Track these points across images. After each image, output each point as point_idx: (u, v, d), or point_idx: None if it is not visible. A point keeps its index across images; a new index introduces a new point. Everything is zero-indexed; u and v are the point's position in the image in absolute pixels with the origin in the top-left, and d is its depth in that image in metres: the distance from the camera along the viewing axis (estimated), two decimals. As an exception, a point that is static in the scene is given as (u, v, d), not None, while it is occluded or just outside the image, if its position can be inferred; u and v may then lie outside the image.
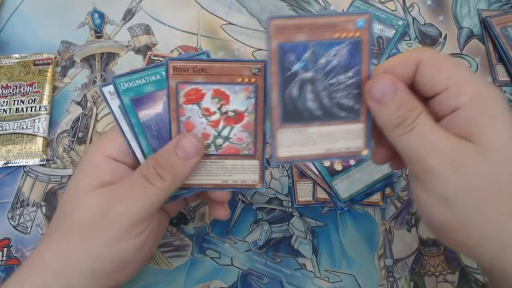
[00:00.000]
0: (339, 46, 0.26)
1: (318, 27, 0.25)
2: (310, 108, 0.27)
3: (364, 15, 0.25)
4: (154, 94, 0.28)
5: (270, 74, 0.26)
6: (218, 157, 0.30)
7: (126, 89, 0.28)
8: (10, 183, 0.41)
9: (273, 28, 0.25)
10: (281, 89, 0.27)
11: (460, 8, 0.48)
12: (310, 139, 0.28)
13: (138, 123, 0.29)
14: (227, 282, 0.37)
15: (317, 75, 0.26)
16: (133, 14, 0.48)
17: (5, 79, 0.44)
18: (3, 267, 0.38)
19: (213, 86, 0.27)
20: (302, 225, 0.39)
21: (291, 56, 0.26)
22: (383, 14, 0.47)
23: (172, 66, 0.26)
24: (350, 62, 0.26)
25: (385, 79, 0.26)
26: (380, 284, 0.37)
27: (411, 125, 0.25)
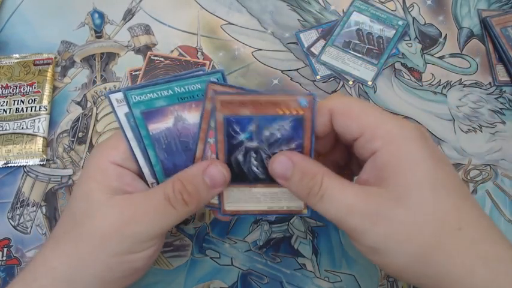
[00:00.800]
0: (282, 121, 0.27)
1: (261, 104, 0.27)
2: (255, 172, 0.29)
3: (308, 96, 0.26)
4: (165, 109, 0.28)
5: (217, 141, 0.28)
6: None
7: (137, 102, 0.28)
8: (10, 183, 0.41)
9: (219, 103, 0.26)
10: (228, 153, 0.28)
11: (460, 8, 0.48)
12: (254, 197, 0.30)
13: (148, 136, 0.29)
14: (227, 282, 0.37)
15: (261, 145, 0.28)
16: (133, 14, 0.49)
17: (5, 79, 0.44)
18: (3, 267, 0.38)
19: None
20: (302, 225, 0.39)
21: (236, 127, 0.27)
22: (383, 14, 0.47)
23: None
24: (293, 135, 0.28)
25: (280, 157, 0.27)
26: (380, 284, 0.37)
27: (319, 192, 0.26)
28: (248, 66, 0.46)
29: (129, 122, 0.29)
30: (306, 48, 0.46)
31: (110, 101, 0.28)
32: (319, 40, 0.46)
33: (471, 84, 0.45)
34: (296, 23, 0.48)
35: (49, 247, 0.29)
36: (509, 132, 0.43)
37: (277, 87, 0.45)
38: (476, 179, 0.41)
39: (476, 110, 0.44)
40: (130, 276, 0.29)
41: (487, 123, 0.43)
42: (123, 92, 0.28)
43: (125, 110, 0.28)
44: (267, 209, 0.31)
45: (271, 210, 0.31)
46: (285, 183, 0.28)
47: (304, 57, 0.46)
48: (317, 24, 0.48)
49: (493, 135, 0.43)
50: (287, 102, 0.26)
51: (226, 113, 0.27)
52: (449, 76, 0.45)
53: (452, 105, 0.44)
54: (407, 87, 0.45)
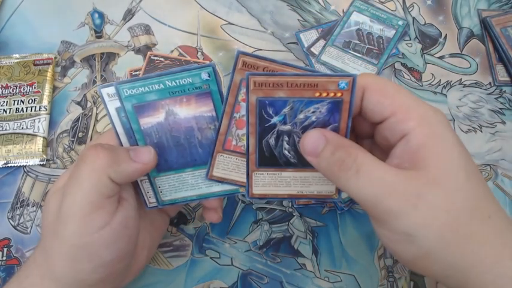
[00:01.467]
0: (318, 104, 0.26)
1: (298, 85, 0.25)
2: (287, 156, 0.28)
3: (348, 77, 0.25)
4: (157, 103, 0.28)
5: (249, 124, 0.27)
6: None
7: (128, 96, 0.28)
8: (10, 183, 0.41)
9: (253, 84, 0.25)
10: (259, 137, 0.27)
11: (460, 8, 0.48)
12: (284, 181, 0.29)
13: (139, 130, 0.29)
14: (227, 282, 0.37)
15: (295, 128, 0.27)
16: (133, 14, 0.48)
17: (5, 79, 0.44)
18: (3, 267, 0.38)
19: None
20: (302, 225, 0.39)
21: (269, 110, 0.26)
22: (383, 14, 0.47)
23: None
24: (329, 119, 0.27)
25: (312, 132, 0.26)
26: (380, 284, 0.37)
27: (354, 165, 0.24)
28: (248, 66, 0.46)
29: (119, 116, 0.29)
30: (306, 48, 0.46)
31: (101, 95, 0.28)
32: (319, 40, 0.46)
33: (471, 84, 0.45)
34: (296, 23, 0.48)
35: (39, 244, 0.29)
36: (509, 132, 0.43)
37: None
38: (476, 179, 0.41)
39: (476, 110, 0.44)
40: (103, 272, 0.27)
41: (487, 123, 0.43)
42: (114, 86, 0.27)
43: (116, 105, 0.28)
44: (296, 193, 0.30)
45: (301, 195, 0.30)
46: (314, 160, 0.26)
47: (304, 57, 0.46)
48: (317, 24, 0.48)
49: (493, 135, 0.43)
50: (326, 85, 0.25)
51: (259, 94, 0.26)
52: (449, 76, 0.45)
53: (452, 105, 0.44)
54: (407, 87, 0.45)
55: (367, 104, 0.26)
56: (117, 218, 0.27)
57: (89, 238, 0.26)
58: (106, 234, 0.27)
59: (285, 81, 0.25)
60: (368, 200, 0.25)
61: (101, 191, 0.26)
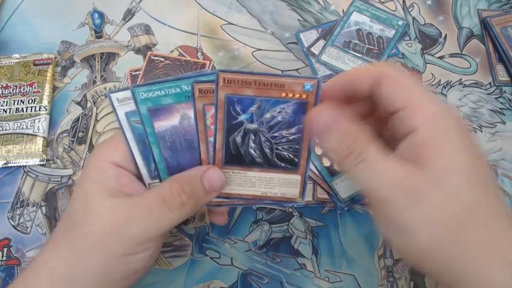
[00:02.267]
0: (284, 104, 0.27)
1: (266, 85, 0.26)
2: (252, 155, 0.29)
3: (313, 80, 0.26)
4: (172, 107, 0.28)
5: (217, 120, 0.27)
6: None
7: (144, 99, 0.28)
8: (10, 183, 0.41)
9: (222, 80, 0.26)
10: (226, 134, 0.28)
11: (460, 8, 0.48)
12: (249, 181, 0.30)
13: (153, 133, 0.29)
14: (227, 282, 0.37)
15: (261, 128, 0.28)
16: (133, 14, 0.49)
17: (5, 79, 0.44)
18: (3, 267, 0.38)
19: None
20: (302, 225, 0.39)
21: (237, 107, 0.27)
22: (383, 14, 0.47)
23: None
24: (294, 119, 0.27)
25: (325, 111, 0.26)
26: (380, 284, 0.37)
27: (361, 155, 0.25)
28: (248, 66, 0.46)
29: (129, 121, 0.29)
30: (306, 48, 0.46)
31: (110, 100, 0.28)
32: (319, 40, 0.46)
33: (471, 84, 0.45)
34: (296, 23, 0.48)
35: (49, 247, 0.29)
36: (509, 132, 0.43)
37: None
38: (476, 179, 0.41)
39: (476, 110, 0.44)
40: (129, 277, 0.29)
41: (487, 123, 0.43)
42: (130, 89, 0.27)
43: (125, 110, 0.28)
44: (260, 194, 0.30)
45: (265, 196, 0.30)
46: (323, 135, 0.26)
47: (304, 57, 0.46)
48: (317, 24, 0.48)
49: (493, 135, 0.43)
50: (292, 86, 0.26)
51: (228, 91, 0.26)
52: (449, 76, 0.45)
53: (452, 105, 0.44)
54: (407, 87, 0.45)
55: (382, 92, 0.27)
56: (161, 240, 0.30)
57: (134, 257, 0.28)
58: (148, 254, 0.29)
59: (253, 80, 0.26)
60: (370, 189, 0.25)
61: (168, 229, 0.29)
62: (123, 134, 0.29)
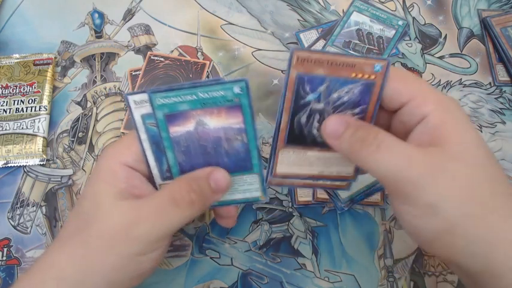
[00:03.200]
0: (352, 85, 0.27)
1: (337, 64, 0.27)
2: (315, 135, 0.29)
3: (383, 61, 0.26)
4: (188, 113, 0.29)
5: (285, 99, 0.28)
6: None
7: (161, 105, 0.28)
8: (10, 183, 0.41)
9: (296, 59, 0.26)
10: (292, 114, 0.28)
11: (460, 8, 0.48)
12: (307, 161, 0.30)
13: (168, 138, 0.29)
14: (227, 282, 0.37)
15: (327, 107, 0.28)
16: (133, 14, 0.49)
17: (5, 79, 0.44)
18: (3, 267, 0.38)
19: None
20: (302, 225, 0.39)
21: (306, 86, 0.27)
22: (383, 14, 0.47)
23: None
24: (359, 100, 0.28)
25: (334, 117, 0.27)
26: (380, 284, 0.37)
27: (375, 141, 0.25)
28: (248, 66, 0.46)
29: (144, 123, 0.29)
30: (306, 48, 0.46)
31: (128, 102, 0.29)
32: (319, 40, 0.46)
33: (471, 84, 0.45)
34: (296, 23, 0.48)
35: (56, 248, 0.28)
36: (509, 132, 0.43)
37: (277, 87, 0.45)
38: (476, 179, 0.41)
39: (476, 110, 0.44)
40: (137, 277, 0.29)
41: (487, 123, 0.43)
42: (148, 94, 0.28)
43: (142, 112, 0.29)
44: (317, 173, 0.31)
45: (321, 175, 0.31)
46: (335, 142, 0.27)
47: (304, 57, 0.46)
48: (317, 24, 0.48)
49: (493, 135, 0.43)
50: (362, 66, 0.26)
51: (300, 70, 0.27)
52: (449, 76, 0.45)
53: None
54: (407, 87, 0.45)
55: (387, 91, 0.27)
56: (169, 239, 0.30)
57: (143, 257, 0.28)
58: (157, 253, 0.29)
59: (325, 59, 0.26)
60: (389, 174, 0.25)
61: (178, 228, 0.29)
62: (138, 135, 0.29)
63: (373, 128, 0.26)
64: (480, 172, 0.25)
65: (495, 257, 0.24)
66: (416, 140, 0.26)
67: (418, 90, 0.27)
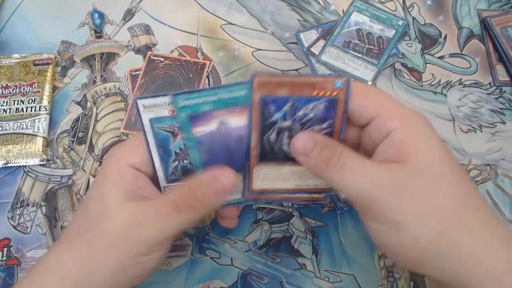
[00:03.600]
0: (316, 102, 0.28)
1: (298, 85, 0.28)
2: (286, 151, 0.30)
3: (343, 78, 0.27)
4: (210, 114, 0.29)
5: (252, 120, 0.29)
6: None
7: (183, 106, 0.29)
8: (10, 183, 0.41)
9: (256, 83, 0.27)
10: (261, 133, 0.29)
11: (460, 8, 0.49)
12: (283, 176, 0.31)
13: (192, 138, 0.30)
14: (227, 282, 0.37)
15: (294, 124, 0.29)
16: (133, 14, 0.49)
17: (5, 79, 0.44)
18: (3, 267, 0.38)
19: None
20: (302, 225, 0.39)
21: (271, 107, 0.28)
22: (383, 14, 0.47)
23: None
24: (326, 115, 0.29)
25: (302, 134, 0.28)
26: (380, 284, 0.37)
27: (339, 162, 0.26)
28: (248, 66, 0.46)
29: (152, 127, 0.30)
30: (306, 48, 0.46)
31: (137, 106, 0.29)
32: (319, 40, 0.46)
33: (471, 84, 0.45)
34: (296, 23, 0.48)
35: (61, 248, 0.28)
36: (509, 132, 0.43)
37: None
38: (476, 179, 0.41)
39: (476, 110, 0.44)
40: (138, 278, 0.30)
41: (487, 123, 0.43)
42: (171, 96, 0.29)
43: (150, 116, 0.29)
44: (293, 187, 0.31)
45: (299, 189, 0.31)
46: (304, 159, 0.28)
47: (304, 57, 0.46)
48: (317, 24, 0.48)
49: (493, 135, 0.43)
50: (323, 84, 0.27)
51: (263, 92, 0.28)
52: (449, 76, 0.45)
53: (452, 105, 0.44)
54: (407, 87, 0.45)
55: (354, 107, 0.28)
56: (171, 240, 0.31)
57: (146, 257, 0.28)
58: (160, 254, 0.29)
59: (286, 81, 0.28)
60: (353, 193, 0.26)
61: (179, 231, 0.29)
62: (145, 138, 0.30)
63: (338, 148, 0.27)
64: (443, 188, 0.25)
65: (465, 271, 0.25)
66: (382, 156, 0.27)
67: (383, 105, 0.27)
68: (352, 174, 0.26)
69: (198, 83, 0.44)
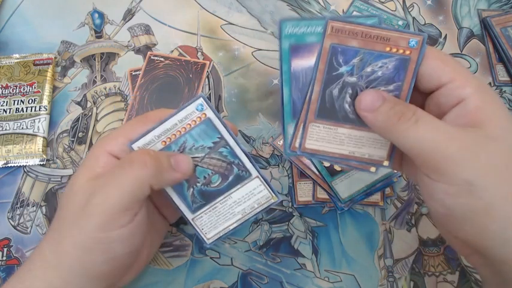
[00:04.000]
0: (387, 59, 0.27)
1: (372, 37, 0.27)
2: (346, 110, 0.28)
3: (419, 36, 0.26)
4: (314, 46, 0.28)
5: (317, 70, 0.27)
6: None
7: (288, 34, 0.28)
8: (10, 183, 0.41)
9: (330, 29, 0.26)
10: (324, 86, 0.28)
11: (460, 8, 0.48)
12: (338, 138, 0.29)
13: (288, 71, 0.28)
14: (227, 282, 0.37)
15: (360, 82, 0.27)
16: (133, 14, 0.48)
17: (5, 79, 0.44)
18: (3, 267, 0.38)
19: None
20: (302, 225, 0.39)
21: (340, 58, 0.27)
22: (383, 14, 0.47)
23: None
24: (394, 76, 0.27)
25: (371, 91, 0.27)
26: (380, 284, 0.37)
27: (413, 117, 0.25)
28: (248, 66, 0.46)
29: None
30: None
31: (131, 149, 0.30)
32: (319, 40, 0.46)
33: (471, 84, 0.45)
34: (296, 23, 0.48)
35: (44, 237, 0.30)
36: (509, 132, 0.43)
37: (277, 87, 0.44)
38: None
39: (476, 110, 0.44)
40: (110, 262, 0.28)
41: (487, 123, 0.43)
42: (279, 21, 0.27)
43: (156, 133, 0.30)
44: (347, 153, 0.29)
45: (352, 156, 0.29)
46: (371, 115, 0.26)
47: (304, 57, 0.46)
48: (317, 24, 0.48)
49: (493, 135, 0.43)
50: (397, 40, 0.26)
51: (334, 40, 0.27)
52: (449, 76, 0.45)
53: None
54: (407, 87, 0.45)
55: (426, 70, 0.27)
56: (137, 218, 0.29)
57: (109, 233, 0.27)
58: (125, 232, 0.28)
59: (360, 31, 0.26)
60: (427, 149, 0.24)
61: (137, 196, 0.28)
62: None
63: (411, 105, 0.26)
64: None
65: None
66: (453, 122, 0.26)
67: (458, 72, 0.26)
68: (429, 128, 0.24)
69: (198, 83, 0.44)
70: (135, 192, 0.28)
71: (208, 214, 0.32)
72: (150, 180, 0.28)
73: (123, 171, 0.28)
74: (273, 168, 0.41)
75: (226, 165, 0.31)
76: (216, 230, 0.32)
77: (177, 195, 0.31)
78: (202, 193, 0.31)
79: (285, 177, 0.41)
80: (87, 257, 0.28)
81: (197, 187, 0.31)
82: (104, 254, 0.28)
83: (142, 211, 0.29)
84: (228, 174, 0.31)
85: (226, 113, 0.44)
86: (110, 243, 0.28)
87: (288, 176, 0.41)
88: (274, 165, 0.41)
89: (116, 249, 0.28)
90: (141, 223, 0.29)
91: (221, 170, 0.31)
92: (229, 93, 0.44)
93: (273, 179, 0.41)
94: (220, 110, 0.44)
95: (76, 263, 0.28)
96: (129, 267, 0.31)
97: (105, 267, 0.28)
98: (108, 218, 0.27)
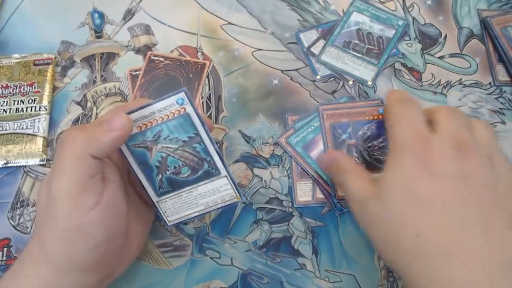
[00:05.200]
0: (370, 124, 0.40)
1: (354, 113, 0.40)
2: None
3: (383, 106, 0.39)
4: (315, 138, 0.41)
5: (327, 141, 0.40)
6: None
7: (296, 142, 0.40)
8: (10, 183, 0.41)
9: (325, 114, 0.40)
10: (334, 149, 0.40)
11: (460, 8, 0.48)
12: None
13: (313, 161, 0.40)
14: (227, 282, 0.37)
15: (358, 141, 0.39)
16: (133, 14, 0.48)
17: (5, 79, 0.44)
18: (3, 267, 0.38)
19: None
20: (302, 225, 0.39)
21: (339, 130, 0.40)
22: (383, 14, 0.47)
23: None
24: (379, 132, 0.39)
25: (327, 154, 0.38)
26: (380, 284, 0.37)
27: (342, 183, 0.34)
28: (248, 66, 0.46)
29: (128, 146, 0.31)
30: (306, 48, 0.46)
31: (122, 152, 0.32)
32: (319, 40, 0.46)
33: (471, 84, 0.45)
34: (296, 23, 0.48)
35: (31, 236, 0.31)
36: (509, 132, 0.43)
37: (277, 87, 0.45)
38: (476, 179, 0.41)
39: (476, 110, 0.44)
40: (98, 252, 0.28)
41: (487, 123, 0.43)
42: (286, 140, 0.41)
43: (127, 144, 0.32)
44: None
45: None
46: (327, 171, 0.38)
47: (304, 57, 0.46)
48: (317, 24, 0.48)
49: (493, 135, 0.43)
50: (371, 112, 0.40)
51: (331, 121, 0.40)
52: (449, 76, 0.45)
53: (452, 105, 0.44)
54: (407, 87, 0.45)
55: None
56: (104, 198, 0.28)
57: (80, 219, 0.27)
58: (96, 214, 0.28)
59: (345, 112, 0.40)
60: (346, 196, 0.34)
61: (84, 170, 0.27)
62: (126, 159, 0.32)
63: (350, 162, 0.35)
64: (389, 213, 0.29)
65: None
66: None
67: None
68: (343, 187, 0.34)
69: (198, 83, 0.44)
70: (81, 167, 0.27)
71: (173, 200, 0.33)
72: (87, 150, 0.28)
73: (59, 153, 0.28)
74: (273, 168, 0.41)
75: (198, 160, 0.32)
76: (177, 215, 0.34)
77: (145, 177, 0.32)
78: (171, 181, 0.33)
79: (285, 177, 0.41)
80: (70, 248, 0.27)
81: (166, 175, 0.32)
82: (85, 242, 0.28)
83: (110, 190, 0.29)
84: (198, 169, 0.32)
85: (226, 113, 0.44)
86: (86, 230, 0.27)
87: (287, 176, 0.41)
88: (274, 165, 0.41)
89: (94, 234, 0.28)
90: (112, 204, 0.29)
91: (192, 164, 0.32)
92: (229, 93, 0.44)
93: (273, 179, 0.41)
94: (220, 110, 0.44)
95: (62, 257, 0.28)
96: (119, 255, 0.31)
97: (92, 256, 0.28)
98: (72, 203, 0.27)
